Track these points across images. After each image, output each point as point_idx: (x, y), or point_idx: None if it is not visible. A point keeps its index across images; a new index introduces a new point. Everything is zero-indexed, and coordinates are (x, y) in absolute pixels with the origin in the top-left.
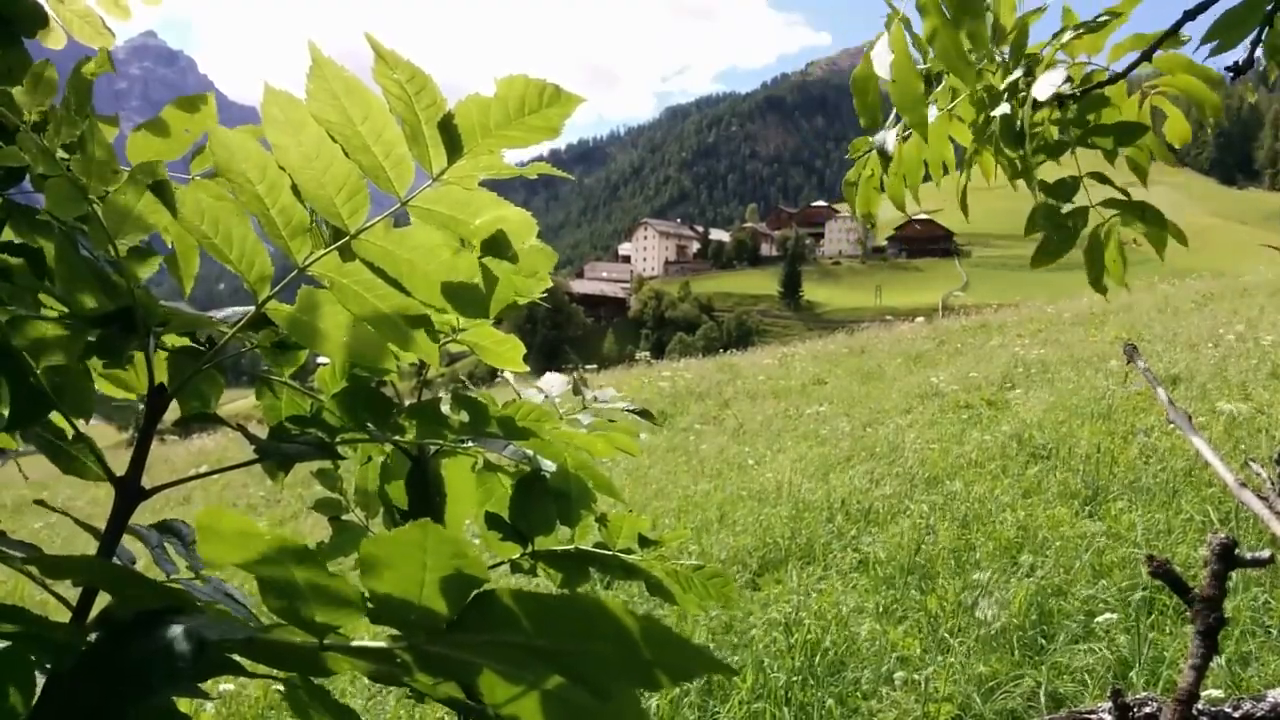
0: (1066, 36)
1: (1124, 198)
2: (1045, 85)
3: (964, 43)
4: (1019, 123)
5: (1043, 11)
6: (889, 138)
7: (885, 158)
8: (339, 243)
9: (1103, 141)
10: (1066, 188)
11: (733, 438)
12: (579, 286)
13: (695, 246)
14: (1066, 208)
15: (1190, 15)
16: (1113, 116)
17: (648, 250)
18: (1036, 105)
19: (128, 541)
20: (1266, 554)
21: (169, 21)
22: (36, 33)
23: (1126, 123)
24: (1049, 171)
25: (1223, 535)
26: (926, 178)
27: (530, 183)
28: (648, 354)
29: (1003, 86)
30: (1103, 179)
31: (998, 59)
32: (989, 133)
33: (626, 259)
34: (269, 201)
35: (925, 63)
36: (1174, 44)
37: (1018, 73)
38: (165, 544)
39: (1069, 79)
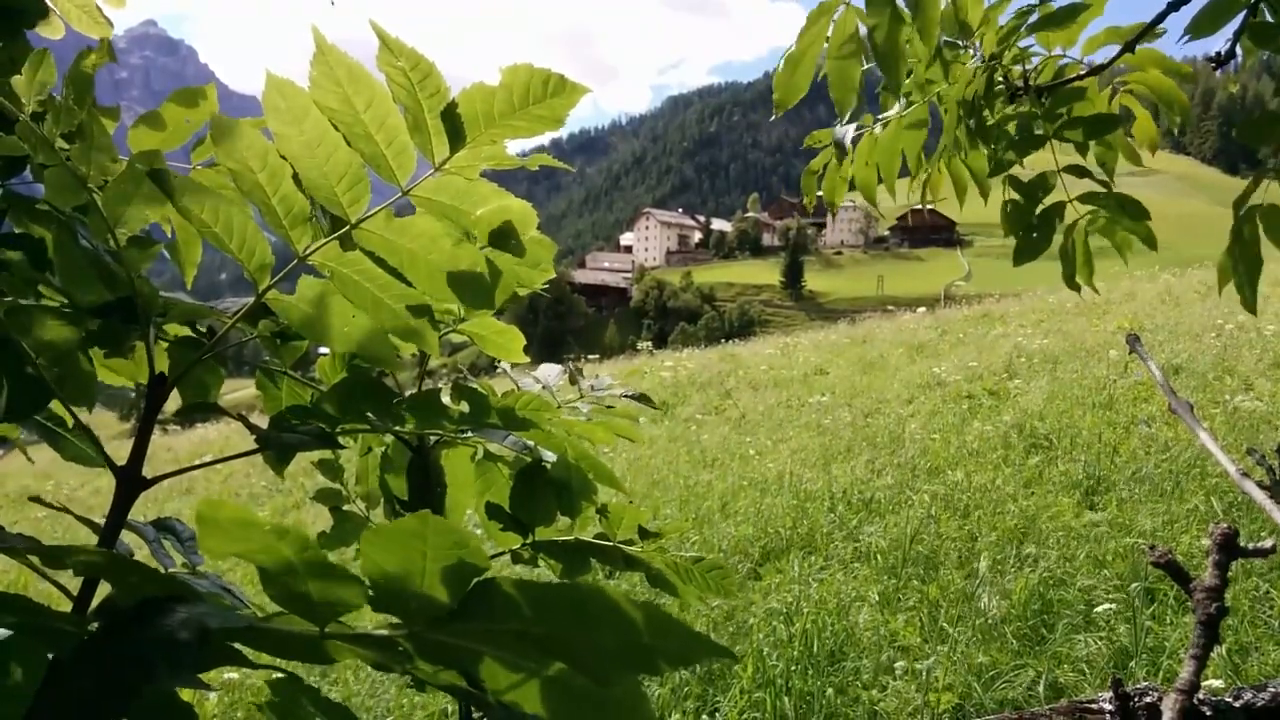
0: (1026, 37)
1: (1103, 190)
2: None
3: (904, 37)
4: (979, 117)
5: (1005, 4)
6: (848, 132)
7: (841, 151)
8: (340, 232)
9: (1073, 135)
10: (1035, 185)
11: (735, 428)
12: (581, 276)
13: (697, 236)
14: (1045, 203)
15: (1174, 6)
16: (1086, 110)
17: (649, 240)
18: (1014, 96)
19: (125, 537)
20: (1269, 544)
21: (170, 11)
22: (37, 23)
23: (1099, 115)
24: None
25: (1225, 525)
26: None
27: (531, 172)
28: (649, 344)
29: (967, 82)
30: (1082, 171)
31: (972, 54)
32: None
33: (628, 249)
34: (270, 190)
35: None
36: (1151, 38)
37: (973, 61)
38: (162, 540)
39: (1033, 73)
